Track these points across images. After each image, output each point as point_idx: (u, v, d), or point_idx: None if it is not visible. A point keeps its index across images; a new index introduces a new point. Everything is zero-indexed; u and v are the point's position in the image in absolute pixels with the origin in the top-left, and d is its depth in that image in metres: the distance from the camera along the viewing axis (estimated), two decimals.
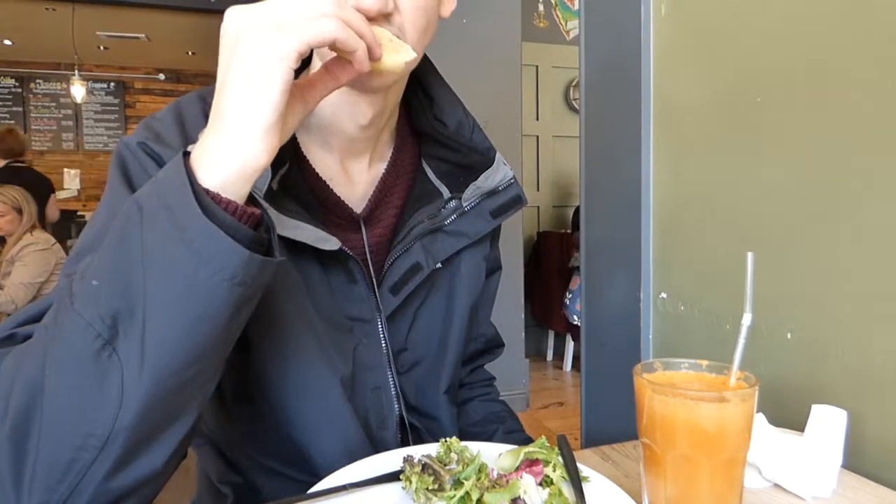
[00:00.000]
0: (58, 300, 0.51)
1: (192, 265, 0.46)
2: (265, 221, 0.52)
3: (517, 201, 0.82)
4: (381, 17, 0.59)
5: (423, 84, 0.80)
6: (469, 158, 0.79)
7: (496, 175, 0.79)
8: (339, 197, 0.73)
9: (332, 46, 0.50)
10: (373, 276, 0.75)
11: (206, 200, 0.47)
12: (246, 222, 0.50)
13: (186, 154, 0.50)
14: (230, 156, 0.48)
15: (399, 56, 0.57)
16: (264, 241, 0.52)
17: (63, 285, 0.58)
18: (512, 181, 0.81)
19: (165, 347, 0.47)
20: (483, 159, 0.79)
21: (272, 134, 0.49)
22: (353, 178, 0.76)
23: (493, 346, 0.98)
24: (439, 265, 0.78)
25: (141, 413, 0.47)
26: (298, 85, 0.54)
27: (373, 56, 0.53)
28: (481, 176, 0.78)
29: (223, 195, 0.48)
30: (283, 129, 0.51)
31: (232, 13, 0.49)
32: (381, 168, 0.78)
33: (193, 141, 0.63)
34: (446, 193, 0.80)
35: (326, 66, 0.56)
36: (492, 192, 0.79)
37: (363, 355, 0.75)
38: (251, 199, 0.52)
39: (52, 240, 3.46)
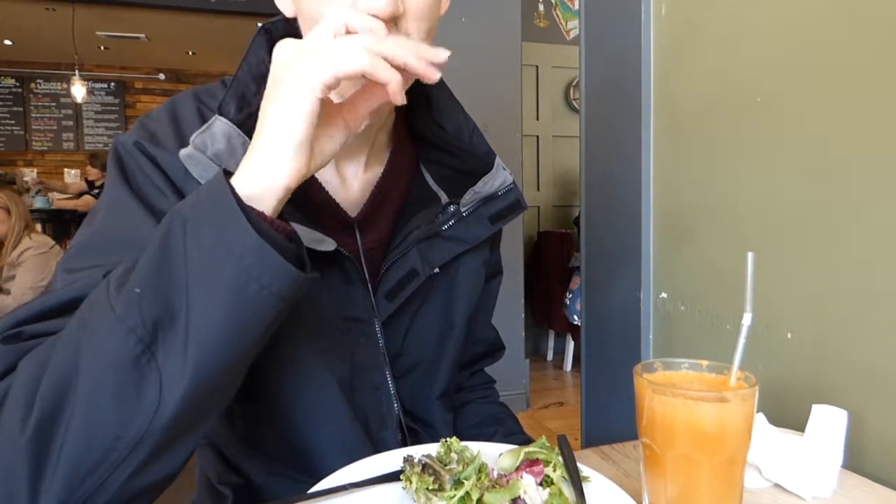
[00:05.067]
0: (91, 304, 0.51)
1: (240, 280, 0.47)
2: (295, 237, 0.54)
3: (516, 206, 0.80)
4: (390, 21, 0.59)
5: (421, 86, 0.79)
6: (468, 163, 0.77)
7: (495, 180, 0.78)
8: (333, 200, 0.72)
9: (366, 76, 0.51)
10: (367, 278, 0.74)
11: (252, 216, 0.48)
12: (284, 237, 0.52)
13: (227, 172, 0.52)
14: (258, 173, 0.51)
15: None
16: (301, 256, 0.53)
17: (60, 286, 0.58)
18: (511, 186, 0.80)
19: (206, 355, 0.48)
20: (482, 164, 0.78)
21: (298, 157, 0.51)
22: (349, 180, 0.75)
23: (494, 349, 0.97)
24: (436, 271, 0.77)
25: (175, 416, 0.48)
26: (339, 107, 0.56)
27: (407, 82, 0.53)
28: (480, 181, 0.77)
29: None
30: (319, 154, 0.54)
31: (282, 45, 0.53)
32: (377, 171, 0.77)
33: (188, 142, 0.63)
34: (444, 199, 0.79)
35: (364, 84, 0.57)
36: (491, 198, 0.78)
37: (361, 356, 0.74)
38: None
39: (51, 242, 3.47)
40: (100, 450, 0.48)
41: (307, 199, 0.71)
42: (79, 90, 6.52)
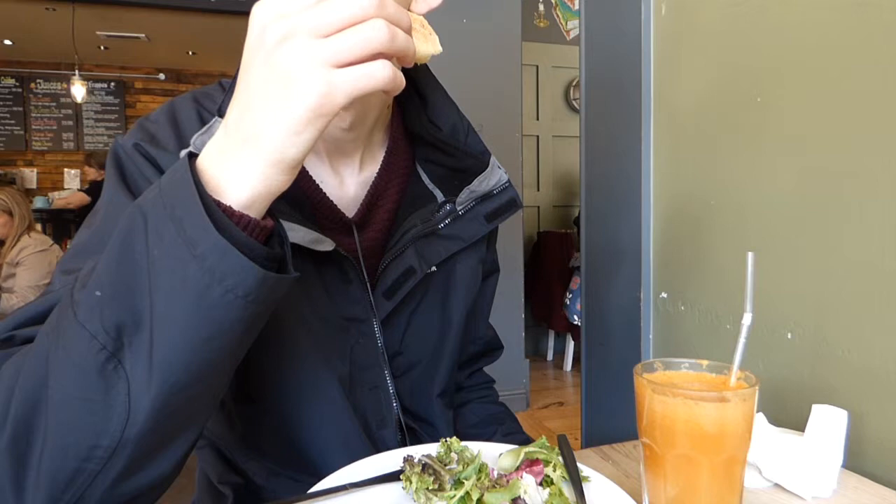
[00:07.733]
0: (59, 308, 0.49)
1: (203, 282, 0.44)
2: (278, 233, 0.51)
3: (512, 205, 0.80)
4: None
5: (416, 85, 0.79)
6: (463, 162, 0.78)
7: (491, 179, 0.78)
8: (330, 200, 0.72)
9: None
10: (366, 278, 0.74)
11: (217, 214, 0.44)
12: (258, 236, 0.48)
13: (190, 156, 0.47)
14: (257, 182, 0.46)
15: (426, 46, 0.54)
16: (278, 256, 0.50)
17: (58, 288, 0.58)
18: (507, 185, 0.80)
19: (174, 364, 0.45)
20: (477, 163, 0.78)
21: (300, 164, 0.47)
22: (345, 180, 0.75)
23: (492, 348, 0.98)
24: (433, 269, 0.77)
25: (148, 426, 0.46)
26: None
27: (407, 65, 0.49)
28: (475, 180, 0.77)
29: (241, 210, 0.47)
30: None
31: (263, 11, 0.44)
32: (373, 170, 0.76)
33: (188, 143, 0.63)
34: (440, 197, 0.79)
35: None
36: (486, 196, 0.79)
37: (360, 354, 0.75)
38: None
39: (50, 241, 3.48)
40: (76, 459, 0.46)
41: (305, 199, 0.70)
42: (79, 90, 6.51)
